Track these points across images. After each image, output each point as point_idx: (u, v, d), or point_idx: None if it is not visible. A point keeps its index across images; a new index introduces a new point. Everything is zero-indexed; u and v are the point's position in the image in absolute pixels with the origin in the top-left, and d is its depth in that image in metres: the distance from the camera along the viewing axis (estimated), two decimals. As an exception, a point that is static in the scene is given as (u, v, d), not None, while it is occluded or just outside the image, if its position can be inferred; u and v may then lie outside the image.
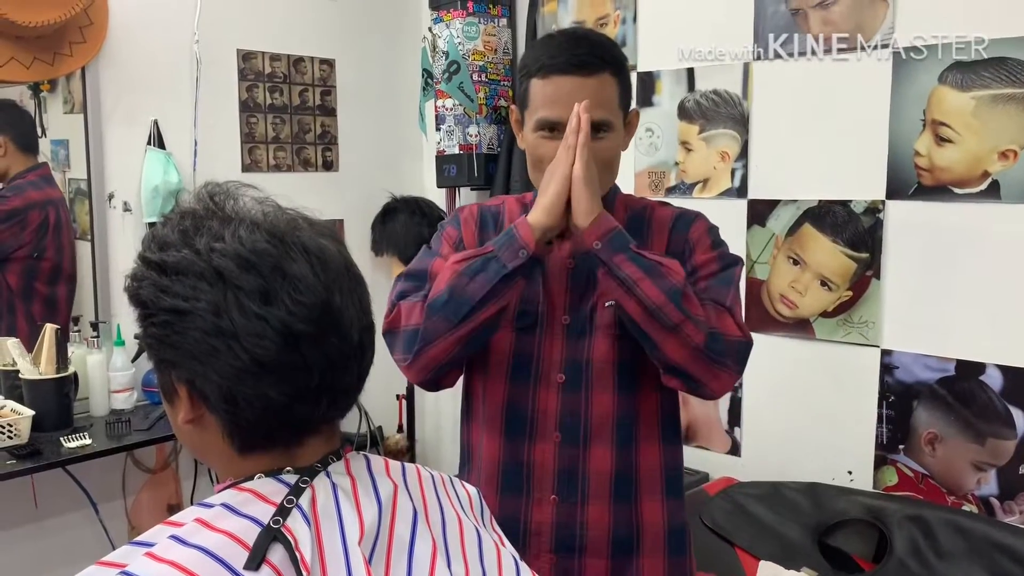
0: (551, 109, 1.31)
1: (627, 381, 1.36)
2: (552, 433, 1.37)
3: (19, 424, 2.22)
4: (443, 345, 1.29)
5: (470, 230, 1.46)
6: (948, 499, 2.17)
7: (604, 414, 1.36)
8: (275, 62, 3.00)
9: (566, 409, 1.37)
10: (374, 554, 0.76)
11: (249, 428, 0.77)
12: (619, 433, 1.37)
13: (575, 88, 1.29)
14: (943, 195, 2.13)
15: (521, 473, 1.39)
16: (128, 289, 0.79)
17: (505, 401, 1.40)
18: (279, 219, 0.80)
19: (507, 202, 1.50)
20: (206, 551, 0.70)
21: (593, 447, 1.36)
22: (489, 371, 1.41)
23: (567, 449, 1.37)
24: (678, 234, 1.40)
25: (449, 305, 1.27)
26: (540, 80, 1.32)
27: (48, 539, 2.54)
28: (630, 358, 1.35)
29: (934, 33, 2.10)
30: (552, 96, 1.31)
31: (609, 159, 1.34)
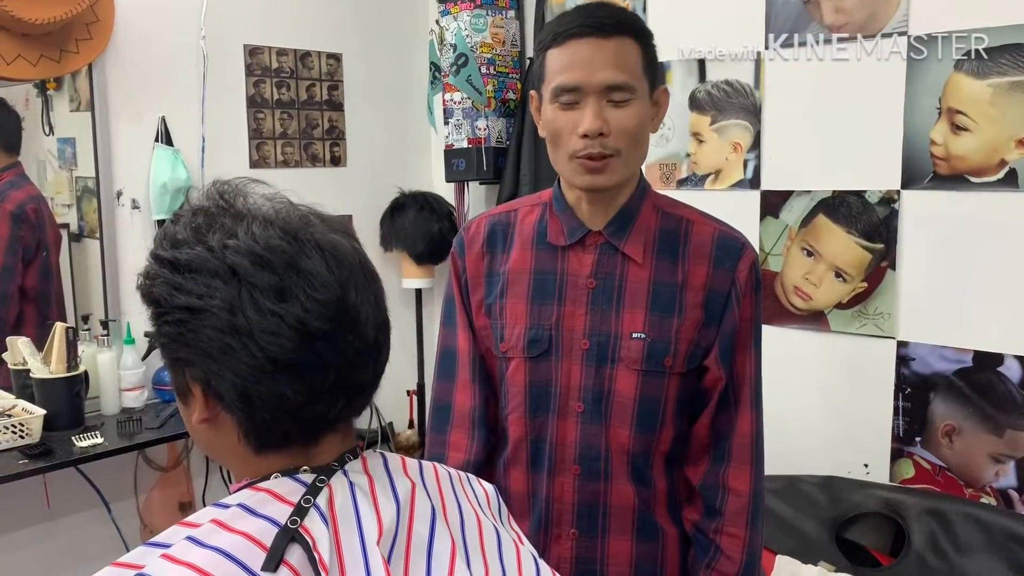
0: (568, 74, 1.21)
1: (647, 419, 1.29)
2: (571, 467, 1.31)
3: (31, 423, 2.22)
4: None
5: (475, 252, 1.38)
6: (966, 492, 2.15)
7: (621, 450, 1.29)
8: (282, 57, 2.99)
9: (585, 441, 1.30)
10: (393, 554, 0.75)
11: (265, 427, 0.76)
12: (634, 470, 1.30)
13: (593, 50, 1.20)
14: (959, 184, 2.10)
15: (541, 508, 1.34)
16: (141, 287, 0.78)
17: (527, 435, 1.34)
18: (292, 215, 0.78)
19: (520, 210, 1.40)
20: (223, 552, 0.69)
21: (614, 483, 1.30)
22: (508, 403, 1.35)
23: (587, 484, 1.30)
24: (723, 270, 1.29)
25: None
26: (556, 49, 1.23)
27: (60, 538, 2.54)
28: (652, 396, 1.28)
29: (949, 21, 2.08)
30: (568, 61, 1.21)
31: (633, 129, 1.22)
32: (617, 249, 1.29)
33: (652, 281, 1.28)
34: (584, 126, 1.20)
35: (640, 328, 1.27)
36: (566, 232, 1.31)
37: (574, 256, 1.31)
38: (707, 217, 1.34)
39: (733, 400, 1.30)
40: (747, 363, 1.30)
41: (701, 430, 1.32)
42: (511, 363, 1.33)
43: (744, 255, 1.30)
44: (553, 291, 1.31)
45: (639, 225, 1.30)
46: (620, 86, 1.20)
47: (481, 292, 1.37)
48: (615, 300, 1.28)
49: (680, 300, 1.27)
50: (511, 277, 1.34)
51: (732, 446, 1.30)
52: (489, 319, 1.35)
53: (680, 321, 1.27)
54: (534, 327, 1.31)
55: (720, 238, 1.30)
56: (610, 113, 1.21)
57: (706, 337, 1.28)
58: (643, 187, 1.33)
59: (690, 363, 1.28)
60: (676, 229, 1.31)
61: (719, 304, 1.28)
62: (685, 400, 1.31)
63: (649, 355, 1.26)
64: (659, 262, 1.29)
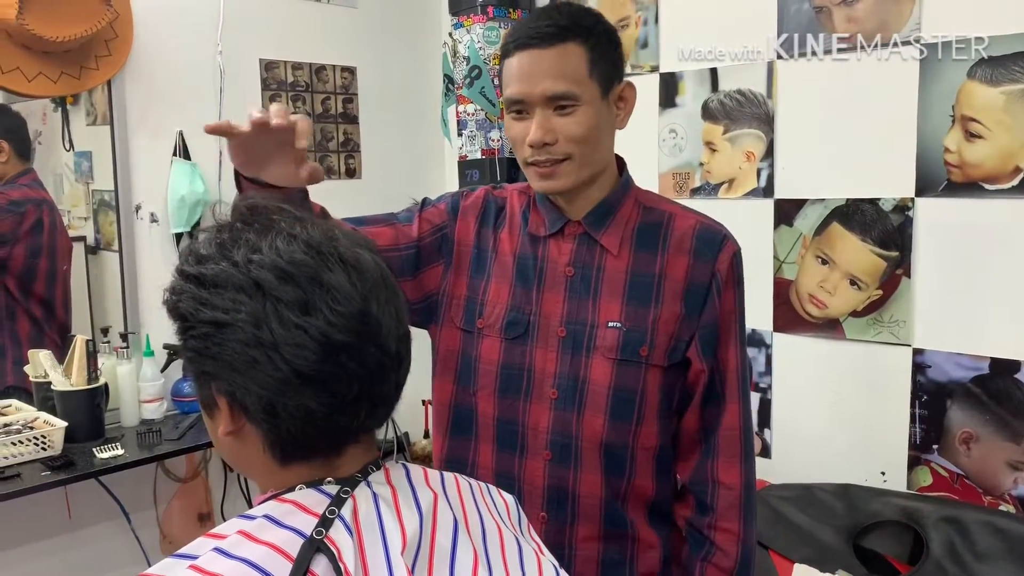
0: (512, 86, 1.23)
1: (622, 410, 1.28)
2: (542, 451, 1.30)
3: (52, 435, 2.25)
4: None
5: (467, 221, 1.38)
6: (984, 499, 2.14)
7: (594, 439, 1.28)
8: (297, 71, 3.02)
9: (557, 427, 1.29)
10: (416, 564, 0.76)
11: (290, 439, 0.77)
12: (608, 461, 1.29)
13: (533, 61, 1.21)
14: (974, 191, 2.10)
15: (513, 488, 1.31)
16: (167, 302, 0.80)
17: (496, 414, 1.33)
18: (315, 230, 0.80)
19: (511, 196, 1.40)
20: (250, 563, 0.70)
21: (584, 471, 1.29)
22: (478, 381, 1.34)
23: (557, 469, 1.30)
24: (702, 261, 1.29)
25: None
26: (507, 60, 1.25)
27: (81, 549, 2.56)
28: (628, 386, 1.28)
29: (961, 28, 2.08)
30: (513, 73, 1.23)
31: (581, 135, 1.23)
32: (595, 240, 1.30)
33: (629, 271, 1.29)
34: (528, 138, 1.22)
35: (616, 317, 1.27)
36: (547, 222, 1.32)
37: (554, 244, 1.32)
38: (689, 211, 1.34)
39: (719, 393, 1.30)
40: (731, 356, 1.30)
41: (688, 425, 1.32)
42: (485, 340, 1.33)
43: (724, 247, 1.30)
44: (533, 277, 1.32)
45: (619, 218, 1.31)
46: (561, 95, 1.21)
47: (467, 262, 1.36)
48: (592, 289, 1.29)
49: (658, 291, 1.28)
50: (498, 257, 1.35)
51: (719, 439, 1.30)
52: (468, 291, 1.35)
53: (657, 311, 1.27)
54: (515, 309, 1.31)
55: (701, 230, 1.30)
56: (556, 121, 1.22)
57: (687, 330, 1.28)
58: (625, 182, 1.34)
59: (672, 357, 1.28)
60: (657, 222, 1.31)
61: (699, 296, 1.28)
62: (671, 396, 1.31)
63: (624, 344, 1.26)
64: (637, 253, 1.29)
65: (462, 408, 1.37)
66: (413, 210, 1.40)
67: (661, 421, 1.30)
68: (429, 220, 1.37)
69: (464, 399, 1.36)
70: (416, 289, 1.36)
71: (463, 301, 1.35)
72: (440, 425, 1.40)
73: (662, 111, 2.69)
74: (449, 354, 1.37)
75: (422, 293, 1.37)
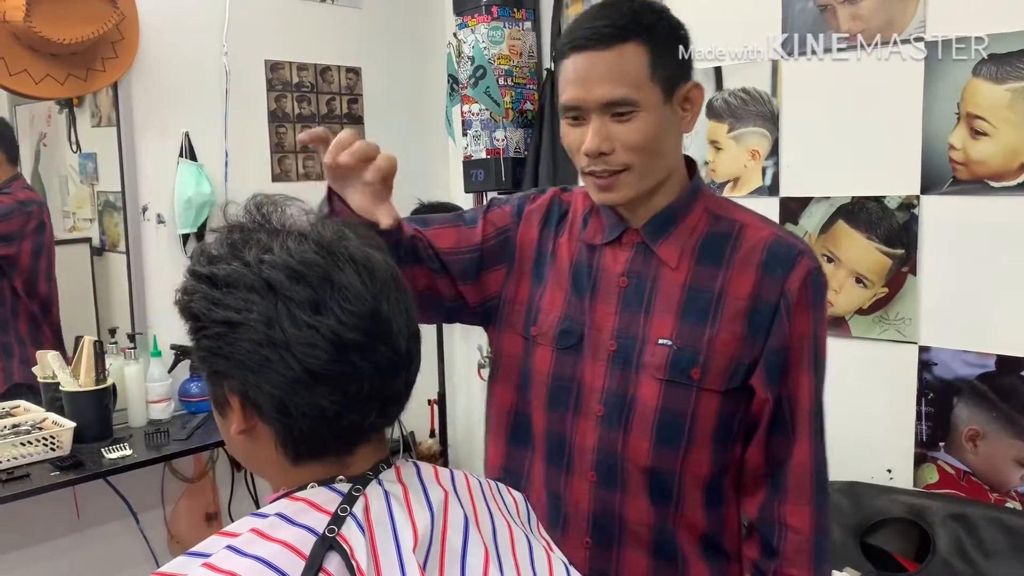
0: (568, 91, 1.15)
1: (669, 434, 1.17)
2: (588, 471, 1.22)
3: (61, 436, 2.26)
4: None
5: (531, 224, 1.30)
6: (991, 496, 2.14)
7: (639, 462, 1.19)
8: (302, 72, 3.02)
9: (603, 447, 1.21)
10: (428, 562, 0.76)
11: (302, 437, 0.78)
12: (654, 487, 1.19)
13: (590, 64, 1.12)
14: (979, 189, 2.10)
15: (559, 507, 1.25)
16: (179, 302, 0.80)
17: (545, 427, 1.26)
18: (326, 230, 0.80)
19: (576, 199, 1.31)
20: (263, 561, 0.70)
21: (630, 496, 1.20)
22: (531, 391, 1.27)
23: (602, 492, 1.21)
24: (771, 277, 1.16)
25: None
26: (560, 63, 1.17)
27: (90, 548, 2.57)
28: (676, 409, 1.17)
29: (966, 26, 2.08)
30: (569, 77, 1.14)
31: (641, 143, 1.13)
32: (652, 251, 1.21)
33: (687, 286, 1.18)
34: (584, 146, 1.14)
35: (667, 334, 1.17)
36: (605, 229, 1.24)
37: (610, 252, 1.23)
38: (765, 222, 1.22)
39: (788, 428, 1.18)
40: (802, 386, 1.17)
41: (753, 459, 1.21)
42: (538, 349, 1.26)
43: (798, 263, 1.16)
44: (587, 285, 1.24)
45: (682, 228, 1.20)
46: (620, 101, 1.12)
47: (528, 267, 1.30)
48: (645, 302, 1.20)
49: (716, 308, 1.16)
50: (555, 263, 1.28)
51: (787, 479, 1.19)
52: (527, 297, 1.28)
53: (714, 331, 1.16)
54: (568, 319, 1.24)
55: (773, 243, 1.18)
56: (614, 129, 1.13)
57: (749, 353, 1.16)
58: (694, 189, 1.23)
59: (731, 381, 1.16)
60: (726, 233, 1.20)
61: (765, 317, 1.15)
62: (731, 424, 1.19)
63: (673, 364, 1.16)
64: (698, 267, 1.19)
65: (521, 417, 1.30)
66: (479, 211, 1.33)
67: (715, 450, 1.19)
68: (493, 222, 1.31)
69: (524, 407, 1.29)
70: (477, 292, 1.30)
71: (523, 307, 1.29)
72: (498, 432, 1.33)
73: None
74: (511, 359, 1.30)
75: (482, 296, 1.31)
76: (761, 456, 1.20)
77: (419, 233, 1.26)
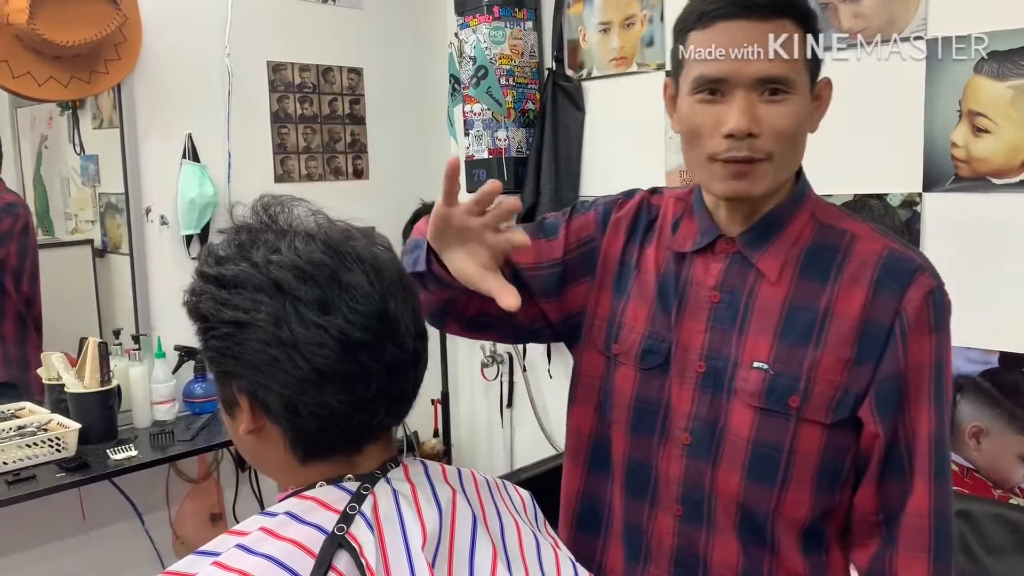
0: (714, 63, 1.01)
1: (762, 469, 1.05)
2: (673, 504, 1.11)
3: (66, 437, 2.26)
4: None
5: (616, 236, 1.20)
6: (995, 493, 2.15)
7: (729, 498, 1.07)
8: (304, 72, 3.03)
9: (689, 479, 1.10)
10: (436, 559, 0.77)
11: (310, 437, 0.78)
12: (745, 527, 1.08)
13: (746, 35, 0.99)
14: (982, 186, 2.10)
15: (640, 542, 1.16)
16: (187, 303, 0.81)
17: (627, 454, 1.16)
18: (333, 230, 0.81)
19: (667, 204, 1.20)
20: (273, 559, 0.71)
21: (718, 535, 1.09)
22: (612, 413, 1.17)
23: (688, 528, 1.11)
24: (884, 296, 1.03)
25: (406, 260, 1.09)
26: (699, 32, 1.02)
27: (95, 549, 2.58)
28: (772, 442, 1.05)
29: (967, 23, 2.08)
30: (715, 46, 1.01)
31: (789, 130, 1.01)
32: (750, 261, 1.09)
33: (787, 303, 1.06)
34: (730, 125, 1.00)
35: (763, 357, 1.05)
36: (697, 235, 1.13)
37: (701, 263, 1.12)
38: (880, 232, 1.09)
39: (903, 469, 1.03)
40: (921, 421, 1.03)
41: (864, 503, 1.06)
42: (620, 368, 1.16)
43: (916, 280, 1.03)
44: (673, 299, 1.13)
45: (785, 237, 1.08)
46: (777, 79, 0.99)
47: (611, 279, 1.20)
48: (739, 320, 1.08)
49: (821, 329, 1.04)
50: (640, 275, 1.17)
51: (902, 527, 1.03)
52: (609, 312, 1.19)
53: (817, 354, 1.03)
54: (652, 336, 1.13)
55: (888, 257, 1.04)
56: (762, 110, 1.00)
57: (858, 381, 1.03)
58: (800, 192, 1.11)
59: (838, 412, 1.03)
60: (834, 244, 1.07)
61: (878, 340, 1.02)
62: (839, 462, 1.05)
63: (770, 391, 1.04)
64: (801, 281, 1.06)
65: (601, 441, 1.20)
66: (561, 219, 1.24)
67: (818, 492, 1.05)
68: (577, 233, 1.22)
69: (603, 431, 1.20)
70: (559, 309, 1.22)
71: (604, 322, 1.19)
72: (577, 456, 1.24)
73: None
74: (591, 379, 1.21)
75: (565, 312, 1.22)
76: (873, 500, 1.06)
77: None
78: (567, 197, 2.94)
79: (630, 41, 2.79)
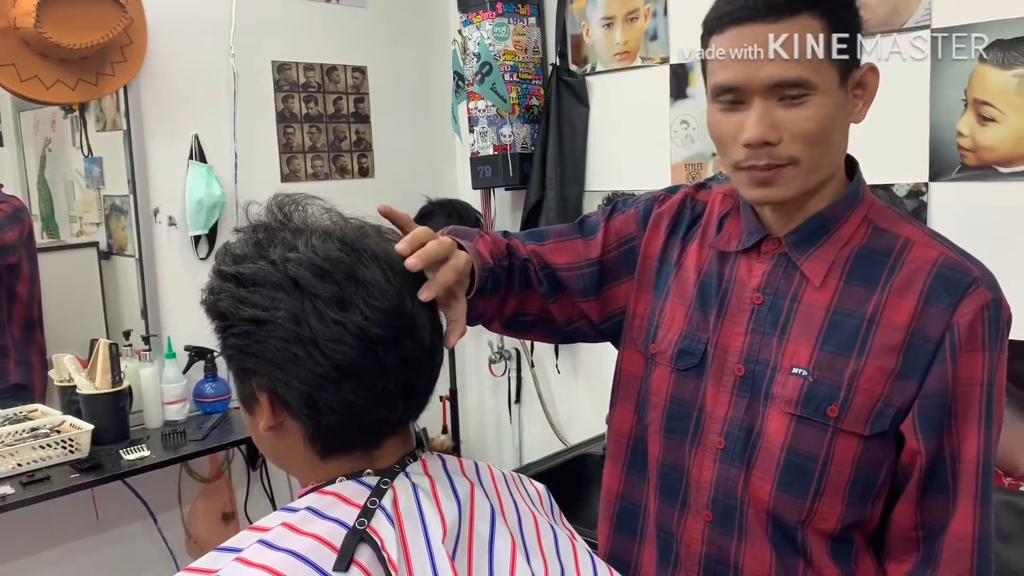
0: (723, 71, 0.98)
1: (795, 479, 1.02)
2: (703, 509, 1.09)
3: (79, 438, 2.28)
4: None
5: (659, 231, 1.18)
6: (1004, 480, 2.15)
7: (761, 506, 1.05)
8: (309, 72, 3.04)
9: (721, 485, 1.08)
10: (456, 552, 0.77)
11: (330, 432, 0.79)
12: (778, 537, 1.05)
13: (758, 38, 0.95)
14: (988, 175, 2.10)
15: (671, 546, 1.14)
16: (206, 302, 0.82)
17: (660, 456, 1.15)
18: (348, 227, 0.82)
19: (713, 200, 1.17)
20: (296, 554, 0.72)
21: (749, 542, 1.06)
22: (648, 414, 1.16)
23: (717, 534, 1.09)
24: (935, 307, 0.98)
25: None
26: (718, 36, 1.00)
27: (109, 550, 2.59)
28: (807, 451, 1.01)
29: (972, 12, 2.08)
30: (728, 54, 0.98)
31: (812, 132, 0.98)
32: (795, 264, 1.06)
33: (831, 308, 1.02)
34: (745, 135, 0.98)
35: (803, 363, 1.02)
36: (743, 235, 1.10)
37: (744, 263, 1.09)
38: (936, 239, 1.04)
39: (947, 489, 0.99)
40: (969, 443, 0.98)
41: (902, 519, 1.03)
42: (657, 368, 1.15)
43: (972, 292, 0.98)
44: (714, 300, 1.10)
45: (834, 239, 1.05)
46: (792, 82, 0.96)
47: (650, 277, 1.19)
48: (781, 324, 1.05)
49: (866, 338, 1.00)
50: (680, 273, 1.15)
51: (944, 549, 0.99)
52: (648, 311, 1.18)
53: (860, 364, 0.99)
54: (688, 336, 1.11)
55: (943, 266, 1.00)
56: (781, 115, 0.97)
57: (901, 393, 0.99)
58: (853, 193, 1.07)
59: (875, 424, 0.99)
60: (887, 249, 1.03)
61: (925, 354, 0.98)
62: (873, 475, 1.02)
63: (808, 398, 1.01)
64: (848, 286, 1.03)
65: (639, 443, 1.19)
66: (601, 216, 1.22)
67: (849, 504, 1.02)
68: (617, 231, 1.20)
69: (641, 433, 1.19)
70: (600, 308, 1.21)
71: (644, 321, 1.18)
72: (616, 456, 1.23)
73: (673, 102, 2.70)
74: (631, 379, 1.20)
75: (606, 312, 1.21)
76: (912, 517, 1.02)
77: (535, 253, 1.18)
78: (572, 192, 2.94)
79: (634, 35, 2.79)
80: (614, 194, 2.91)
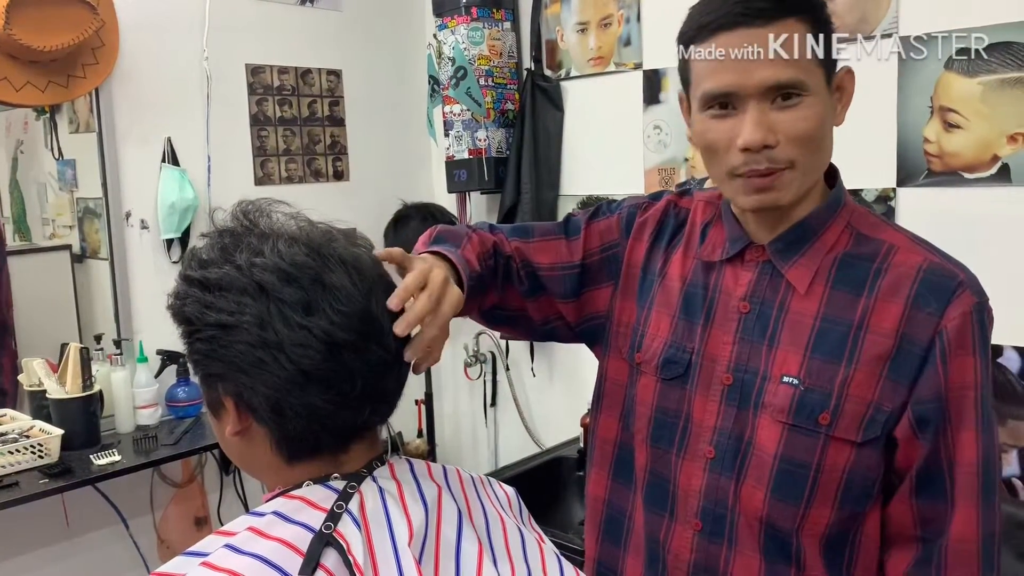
0: (718, 76, 0.97)
1: (789, 487, 1.02)
2: (692, 519, 1.09)
3: (49, 443, 2.25)
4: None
5: (642, 239, 1.19)
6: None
7: (753, 515, 1.05)
8: (283, 75, 3.03)
9: (711, 494, 1.07)
10: (423, 556, 0.78)
11: (296, 437, 0.79)
12: (770, 545, 1.05)
13: (748, 43, 0.95)
14: (954, 180, 2.14)
15: (658, 555, 1.13)
16: (172, 307, 0.82)
17: (647, 465, 1.14)
18: (314, 232, 0.82)
19: (696, 207, 1.17)
20: (261, 558, 0.72)
21: (739, 551, 1.06)
22: (633, 422, 1.16)
23: (707, 544, 1.08)
24: (923, 312, 0.98)
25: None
26: (701, 45, 0.99)
27: (80, 556, 2.57)
28: (799, 459, 1.01)
29: (938, 21, 2.11)
30: (717, 60, 0.98)
31: (809, 133, 0.98)
32: (780, 272, 1.06)
33: (820, 316, 1.02)
34: (744, 139, 0.97)
35: (793, 371, 1.02)
36: (727, 243, 1.11)
37: (730, 272, 1.10)
38: (920, 244, 1.05)
39: (945, 492, 0.99)
40: (965, 446, 0.98)
41: (899, 513, 1.03)
42: (642, 378, 1.15)
43: (958, 297, 0.98)
44: (700, 309, 1.10)
45: (818, 246, 1.05)
46: (787, 84, 0.96)
47: (634, 286, 1.19)
48: (769, 332, 1.05)
49: (855, 345, 1.00)
50: (664, 282, 1.16)
51: (949, 552, 0.99)
52: (633, 320, 1.18)
53: (850, 371, 0.99)
54: (674, 346, 1.12)
55: (928, 271, 1.00)
56: (776, 117, 0.97)
57: (891, 399, 0.99)
58: (835, 199, 1.07)
59: (867, 431, 0.99)
60: (870, 255, 1.03)
61: (914, 359, 0.98)
62: (866, 482, 1.01)
63: (799, 407, 1.01)
64: (834, 293, 1.03)
65: (625, 451, 1.19)
66: (584, 218, 1.23)
67: (841, 508, 1.02)
68: (599, 235, 1.21)
69: (627, 441, 1.19)
70: (576, 311, 1.21)
71: (629, 330, 1.18)
72: (601, 464, 1.23)
73: (646, 107, 2.72)
74: (615, 386, 1.20)
75: (582, 314, 1.22)
76: (909, 515, 1.02)
77: (518, 250, 1.19)
78: (547, 197, 2.95)
79: (607, 41, 2.81)
80: (588, 198, 2.93)
